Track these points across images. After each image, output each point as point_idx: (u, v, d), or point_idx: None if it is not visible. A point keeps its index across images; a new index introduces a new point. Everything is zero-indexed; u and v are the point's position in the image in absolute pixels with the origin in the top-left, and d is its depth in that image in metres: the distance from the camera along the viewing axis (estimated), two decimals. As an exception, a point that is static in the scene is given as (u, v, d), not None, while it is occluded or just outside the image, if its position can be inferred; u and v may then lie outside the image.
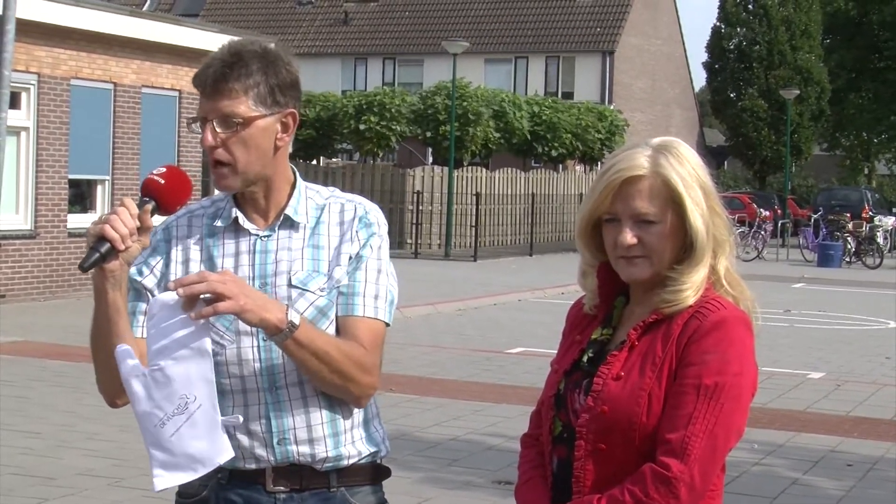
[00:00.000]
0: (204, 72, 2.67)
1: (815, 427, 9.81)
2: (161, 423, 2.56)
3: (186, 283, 2.49)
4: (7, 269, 15.95)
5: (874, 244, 31.25)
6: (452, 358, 12.94)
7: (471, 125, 31.38)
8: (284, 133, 2.72)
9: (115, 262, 2.53)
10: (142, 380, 2.56)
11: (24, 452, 7.99)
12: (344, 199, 2.81)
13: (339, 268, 2.72)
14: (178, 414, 2.55)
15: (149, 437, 2.59)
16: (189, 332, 2.54)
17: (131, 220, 2.51)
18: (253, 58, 2.67)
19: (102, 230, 2.49)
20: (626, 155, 2.49)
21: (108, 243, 2.50)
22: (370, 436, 2.80)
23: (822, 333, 16.47)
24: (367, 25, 50.86)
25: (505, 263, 27.35)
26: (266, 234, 2.74)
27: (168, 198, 2.60)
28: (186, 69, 18.88)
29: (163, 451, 2.58)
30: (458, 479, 7.73)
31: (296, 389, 2.69)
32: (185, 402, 2.55)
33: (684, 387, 2.39)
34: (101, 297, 2.58)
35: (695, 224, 2.44)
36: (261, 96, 2.66)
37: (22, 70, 15.66)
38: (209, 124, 2.65)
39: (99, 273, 2.54)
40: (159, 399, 2.55)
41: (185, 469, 2.58)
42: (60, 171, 16.81)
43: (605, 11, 48.22)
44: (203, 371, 2.56)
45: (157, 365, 2.55)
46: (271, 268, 2.71)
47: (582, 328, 2.61)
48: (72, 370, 11.11)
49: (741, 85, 50.89)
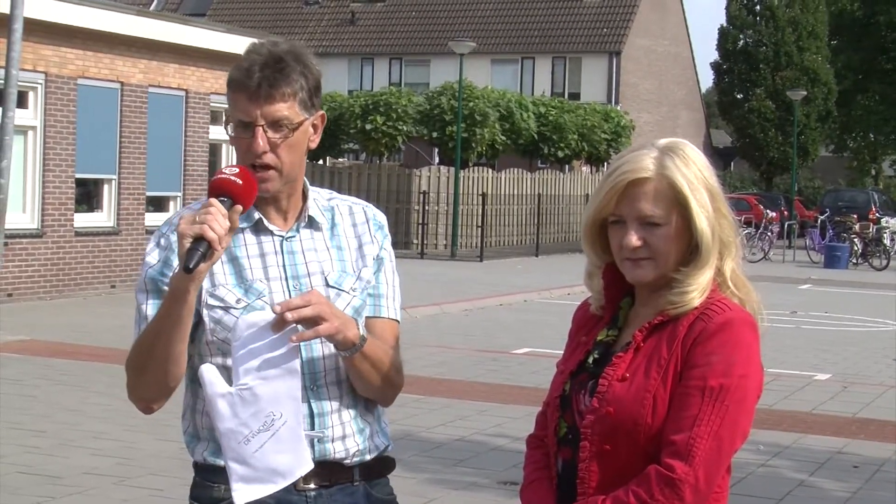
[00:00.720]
0: (248, 76, 2.66)
1: (821, 428, 9.80)
2: (246, 441, 2.59)
3: (294, 306, 2.54)
4: (14, 267, 15.97)
5: (881, 246, 31.21)
6: (458, 358, 12.94)
7: (477, 126, 31.37)
8: (315, 134, 2.77)
9: (209, 263, 2.52)
10: (228, 398, 2.59)
11: (30, 451, 8.00)
12: (349, 202, 2.87)
13: (366, 269, 2.79)
14: (263, 431, 2.59)
15: (231, 453, 2.61)
16: (280, 352, 2.58)
17: (225, 221, 2.51)
18: (293, 62, 2.69)
19: (203, 230, 2.47)
20: (631, 157, 2.49)
21: (206, 242, 2.49)
22: (383, 430, 2.88)
23: (828, 335, 16.45)
24: (373, 25, 50.89)
25: (511, 264, 27.35)
26: (290, 234, 2.77)
27: (245, 198, 2.58)
28: (193, 69, 18.91)
29: (245, 466, 2.60)
30: (463, 479, 7.73)
31: (335, 389, 2.75)
32: (272, 419, 2.59)
33: (689, 388, 2.39)
34: (180, 297, 2.55)
35: (700, 226, 2.44)
36: (303, 101, 2.70)
37: (29, 69, 15.69)
38: (259, 129, 2.66)
39: (185, 276, 2.52)
40: (245, 417, 2.59)
41: (265, 482, 2.61)
42: (67, 171, 16.83)
43: (611, 12, 48.20)
44: (291, 389, 2.60)
45: (245, 384, 2.58)
46: (302, 268, 2.75)
47: (588, 329, 2.61)
48: (78, 369, 11.13)
49: (748, 86, 50.84)
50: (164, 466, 7.58)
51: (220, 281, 2.72)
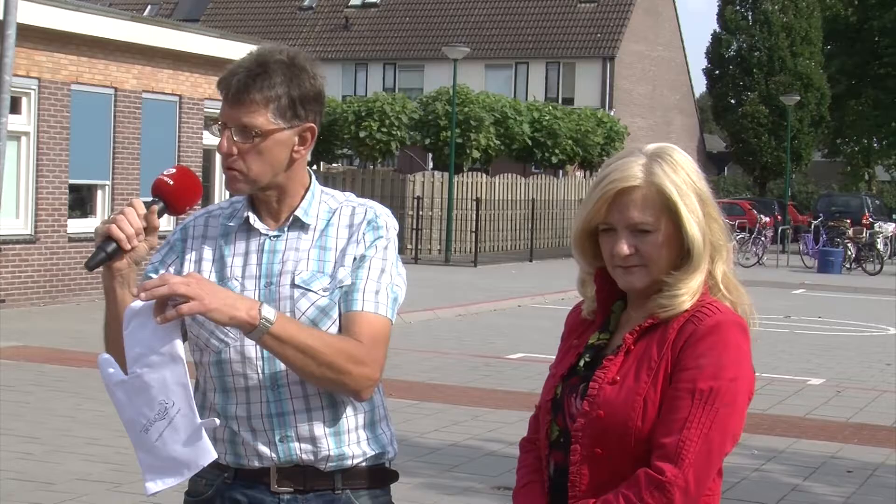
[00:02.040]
0: (228, 78, 2.67)
1: (814, 433, 9.80)
2: (145, 429, 2.59)
3: (149, 287, 2.49)
4: (7, 273, 15.95)
5: (874, 250, 31.24)
6: (452, 363, 12.93)
7: (472, 131, 31.37)
8: (302, 146, 2.73)
9: (122, 261, 2.56)
10: (122, 387, 2.60)
11: (23, 457, 7.98)
12: (356, 203, 2.82)
13: (342, 269, 2.72)
14: (159, 419, 2.58)
15: (136, 442, 2.62)
16: (160, 337, 2.55)
17: (138, 221, 2.54)
18: (278, 69, 2.66)
19: (109, 230, 2.53)
20: (619, 164, 2.49)
21: (114, 243, 2.53)
22: (376, 437, 2.82)
23: (822, 340, 16.47)
24: (367, 31, 50.90)
25: (505, 269, 27.35)
26: (275, 234, 2.76)
27: (176, 198, 2.62)
28: (187, 74, 18.91)
29: (150, 456, 2.61)
30: (457, 484, 7.72)
31: (297, 388, 2.70)
32: (165, 407, 2.57)
33: (679, 391, 2.39)
34: (110, 295, 2.63)
35: (691, 232, 2.44)
36: (281, 109, 2.66)
37: (23, 75, 15.67)
38: (227, 131, 2.67)
39: (107, 272, 2.59)
40: (140, 405, 2.58)
41: (172, 473, 2.61)
42: (61, 176, 16.81)
43: (605, 17, 48.24)
44: (177, 376, 2.57)
45: (135, 372, 2.58)
46: (277, 267, 2.72)
47: (579, 333, 2.62)
48: (71, 375, 11.11)
49: (741, 91, 50.91)
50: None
51: None
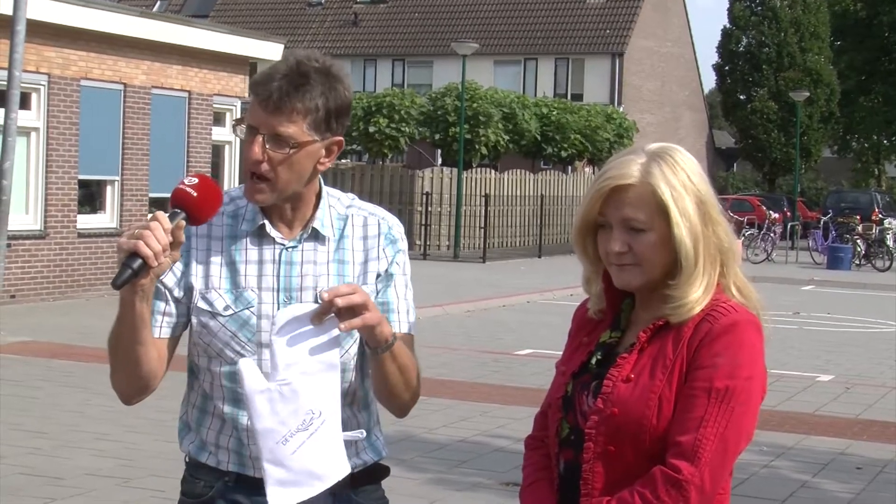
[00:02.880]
0: (267, 84, 2.59)
1: (823, 430, 9.79)
2: (284, 440, 2.50)
3: (343, 293, 2.45)
4: (17, 269, 15.97)
5: (884, 247, 31.18)
6: (460, 359, 12.93)
7: (480, 126, 31.36)
8: (327, 158, 2.69)
9: (147, 277, 2.48)
10: (267, 395, 2.50)
11: (32, 452, 8.00)
12: (366, 212, 2.78)
13: (365, 286, 2.68)
14: (301, 430, 2.50)
15: (268, 454, 2.52)
16: (321, 344, 2.50)
17: (164, 237, 2.46)
18: (318, 79, 2.60)
19: (136, 246, 2.43)
20: (619, 162, 2.48)
21: (140, 259, 2.44)
22: (372, 445, 2.81)
23: (831, 336, 16.44)
24: (376, 27, 50.90)
25: (514, 265, 27.34)
26: (292, 244, 2.70)
27: (200, 210, 2.54)
28: (196, 70, 18.92)
29: (281, 468, 2.51)
30: (465, 480, 7.72)
31: None
32: (311, 417, 2.50)
33: (695, 390, 2.38)
34: (128, 308, 2.55)
35: (679, 235, 2.41)
36: (317, 122, 2.61)
37: (32, 70, 15.69)
38: (260, 137, 2.59)
39: (129, 287, 2.49)
40: (285, 415, 2.50)
41: (302, 485, 2.52)
42: (70, 172, 16.83)
43: (614, 13, 48.19)
44: (332, 385, 2.52)
45: (285, 380, 2.50)
46: (296, 281, 2.68)
47: (589, 330, 2.60)
48: (80, 370, 11.13)
49: (751, 87, 50.82)
50: (165, 468, 7.57)
51: (214, 284, 2.69)
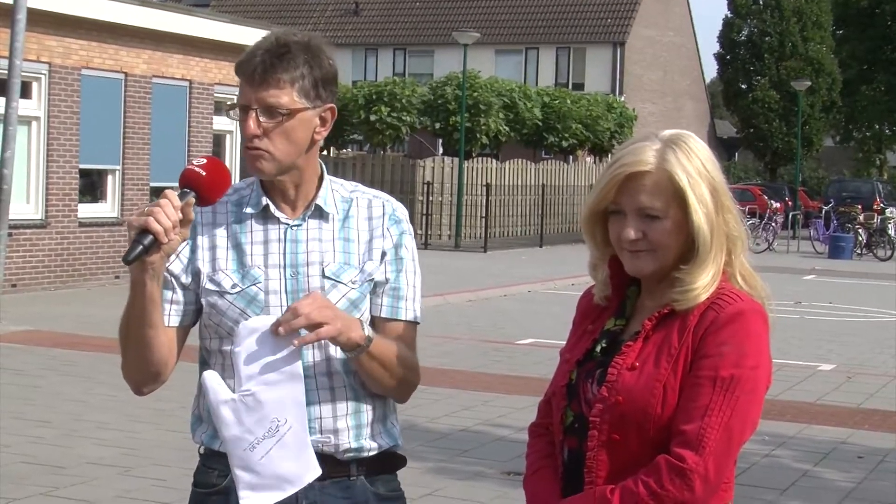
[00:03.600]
0: (250, 61, 2.67)
1: (825, 419, 9.79)
2: (251, 447, 2.58)
3: (286, 321, 2.54)
4: (18, 258, 15.97)
5: (885, 236, 31.17)
6: (462, 349, 12.94)
7: (481, 115, 31.34)
8: (322, 127, 2.74)
9: (157, 254, 2.53)
10: (231, 405, 2.58)
11: (35, 441, 8.01)
12: (370, 195, 2.83)
13: (370, 262, 2.75)
14: (268, 437, 2.58)
15: (237, 460, 2.60)
16: (281, 356, 2.57)
17: (174, 213, 2.50)
18: (299, 49, 2.68)
19: (147, 223, 2.48)
20: (633, 148, 2.47)
21: (150, 236, 2.48)
22: (388, 431, 2.83)
23: (832, 325, 16.44)
24: (377, 16, 50.84)
25: (515, 254, 27.34)
26: (297, 223, 2.74)
27: (209, 190, 2.59)
28: (197, 59, 18.90)
29: (251, 473, 2.59)
30: (467, 469, 7.73)
31: (324, 379, 2.72)
32: (276, 424, 2.57)
33: (700, 378, 2.38)
34: (138, 288, 2.58)
35: (697, 221, 2.42)
36: (305, 89, 2.68)
37: (33, 60, 15.67)
38: (252, 112, 2.66)
39: (139, 265, 2.54)
40: (250, 424, 2.58)
41: (273, 489, 2.61)
42: (71, 161, 16.83)
43: (616, 2, 48.12)
44: (295, 394, 2.59)
45: (248, 390, 2.57)
46: (302, 257, 2.72)
47: (593, 318, 2.60)
48: (82, 359, 11.14)
49: (752, 76, 50.75)
50: (168, 456, 7.59)
51: (221, 266, 2.73)
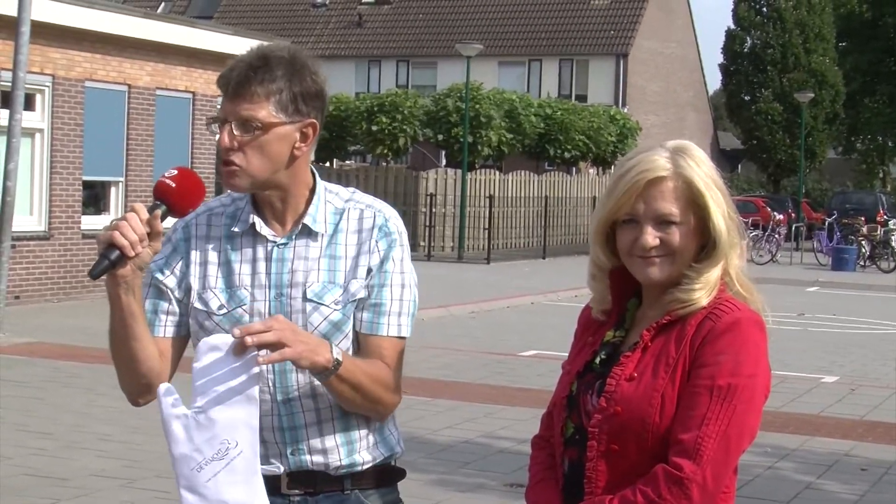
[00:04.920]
0: (228, 73, 2.64)
1: (828, 431, 9.78)
2: (199, 468, 2.51)
3: (254, 331, 2.46)
4: (21, 270, 15.98)
5: (889, 248, 31.14)
6: (465, 360, 12.93)
7: (482, 127, 31.36)
8: (303, 143, 2.67)
9: (126, 268, 2.50)
10: (182, 421, 2.52)
11: (37, 453, 8.00)
12: (364, 205, 2.77)
13: (355, 281, 2.69)
14: (216, 459, 2.50)
15: (183, 480, 2.54)
16: (240, 378, 2.50)
17: (141, 226, 2.48)
18: (279, 63, 2.63)
19: (111, 237, 2.46)
20: (644, 157, 2.49)
21: (117, 250, 2.47)
22: (384, 440, 2.80)
23: (835, 337, 16.42)
24: (380, 28, 50.90)
25: (518, 266, 27.34)
26: (283, 241, 2.70)
27: (179, 201, 2.55)
28: (200, 71, 18.92)
29: (196, 496, 2.52)
30: (469, 481, 7.72)
31: (309, 401, 2.68)
32: (227, 447, 2.50)
33: (697, 388, 2.39)
34: (115, 302, 2.57)
35: (718, 225, 2.45)
36: (282, 103, 2.62)
37: (37, 72, 15.70)
38: (227, 126, 2.62)
39: (111, 279, 2.52)
40: (200, 442, 2.51)
41: None
42: (74, 173, 16.85)
43: (619, 14, 48.18)
44: (249, 417, 2.52)
45: (201, 408, 2.51)
46: (287, 278, 2.68)
47: (594, 330, 2.61)
48: (84, 371, 11.14)
49: (755, 88, 50.76)
50: (170, 469, 7.56)
51: (211, 284, 2.71)
